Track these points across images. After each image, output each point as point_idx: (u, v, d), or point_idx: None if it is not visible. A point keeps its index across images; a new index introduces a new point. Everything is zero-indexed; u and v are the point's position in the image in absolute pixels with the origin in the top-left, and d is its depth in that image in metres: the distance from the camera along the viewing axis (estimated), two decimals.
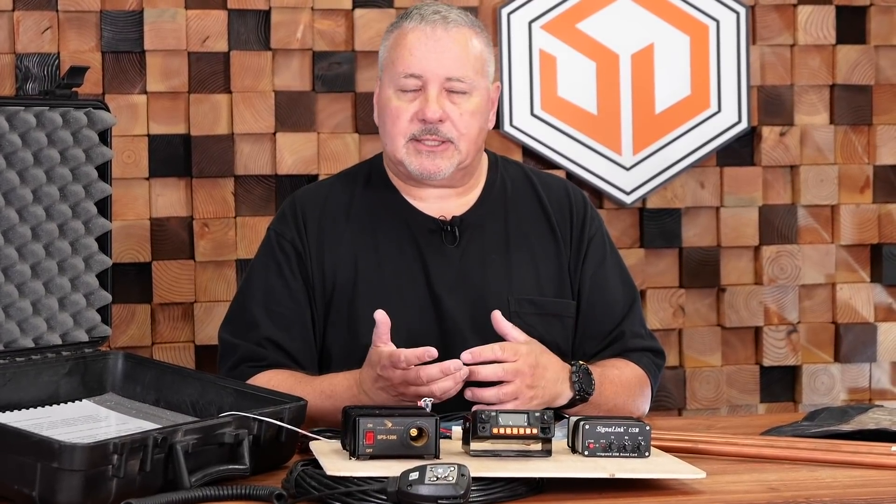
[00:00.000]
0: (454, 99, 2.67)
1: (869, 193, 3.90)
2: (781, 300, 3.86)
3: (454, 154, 2.68)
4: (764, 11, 3.83)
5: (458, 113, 2.66)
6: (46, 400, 2.49)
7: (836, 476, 2.22)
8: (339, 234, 2.73)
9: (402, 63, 2.66)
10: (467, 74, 2.67)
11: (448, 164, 2.68)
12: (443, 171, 2.68)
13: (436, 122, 2.65)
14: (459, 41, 2.67)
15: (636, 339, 2.77)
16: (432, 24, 2.67)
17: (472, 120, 2.68)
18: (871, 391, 3.91)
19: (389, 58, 2.70)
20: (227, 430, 2.16)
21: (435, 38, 2.66)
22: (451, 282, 2.69)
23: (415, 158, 2.67)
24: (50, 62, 3.46)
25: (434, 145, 2.66)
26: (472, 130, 2.68)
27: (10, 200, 2.54)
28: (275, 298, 2.71)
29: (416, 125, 2.66)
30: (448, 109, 2.65)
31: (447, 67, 2.65)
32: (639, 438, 2.20)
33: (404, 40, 2.68)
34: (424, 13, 2.69)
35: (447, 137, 2.66)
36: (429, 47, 2.66)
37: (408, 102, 2.67)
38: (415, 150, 2.67)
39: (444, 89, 2.66)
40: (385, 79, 2.71)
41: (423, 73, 2.65)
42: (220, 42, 3.57)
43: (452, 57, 2.66)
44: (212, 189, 3.57)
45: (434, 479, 1.95)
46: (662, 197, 3.80)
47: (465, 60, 2.67)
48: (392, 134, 2.68)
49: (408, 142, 2.67)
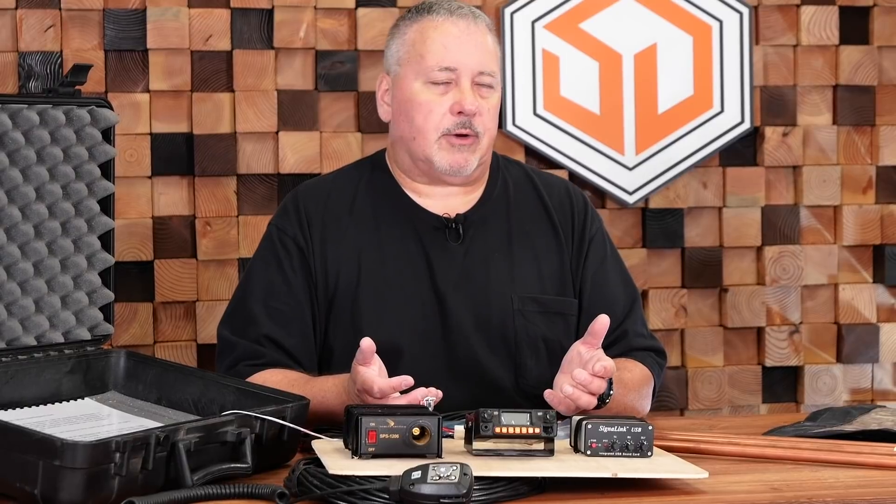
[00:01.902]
0: (482, 93, 2.67)
1: (871, 194, 3.90)
2: (784, 300, 3.86)
3: (478, 149, 2.68)
4: (767, 12, 3.83)
5: (487, 108, 2.67)
6: (49, 398, 2.49)
7: (839, 476, 2.22)
8: (342, 231, 2.72)
9: (433, 56, 2.65)
10: (494, 69, 2.68)
11: (474, 158, 2.68)
12: (471, 165, 2.67)
13: (473, 115, 2.64)
14: (485, 37, 2.69)
15: (639, 339, 2.77)
16: (464, 18, 2.68)
17: (495, 115, 2.70)
18: (873, 392, 3.91)
19: (415, 51, 2.67)
20: (230, 429, 2.16)
21: (468, 31, 2.67)
22: (454, 279, 2.69)
23: (447, 154, 2.66)
24: (53, 60, 3.46)
25: (465, 139, 2.66)
26: (494, 126, 2.70)
27: (12, 198, 2.53)
28: (274, 295, 2.69)
29: (451, 119, 2.65)
30: (479, 103, 2.66)
31: (480, 61, 2.66)
32: (641, 438, 2.20)
33: (432, 33, 2.67)
34: (450, 7, 2.69)
35: (477, 131, 2.66)
36: (462, 40, 2.66)
37: (439, 96, 2.65)
38: (448, 144, 2.66)
39: (473, 83, 2.66)
40: (408, 72, 2.68)
41: (458, 66, 2.65)
42: (223, 41, 3.57)
43: (483, 51, 2.67)
44: (214, 188, 3.57)
45: (436, 478, 1.95)
46: (665, 197, 3.79)
47: (492, 55, 2.69)
48: (425, 128, 2.66)
49: (441, 137, 2.66)
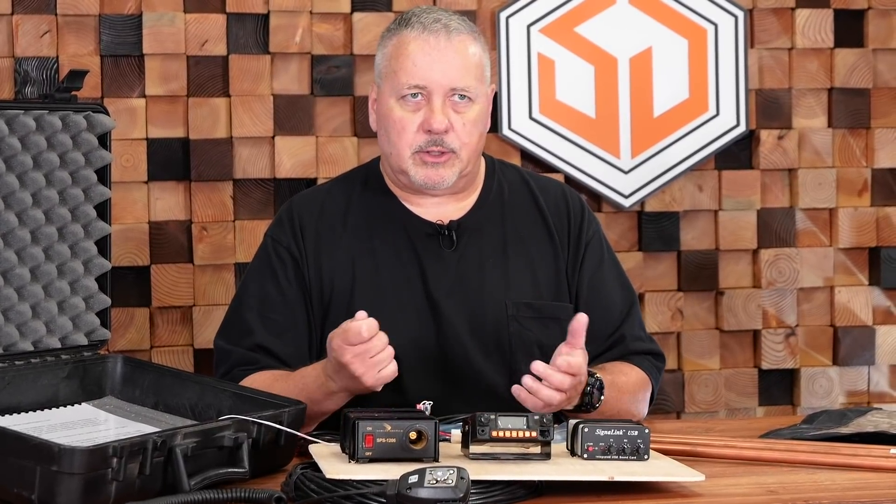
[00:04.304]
0: (458, 108, 2.65)
1: (867, 197, 3.90)
2: (780, 303, 3.86)
3: (456, 163, 2.67)
4: (762, 15, 3.83)
5: (462, 123, 2.65)
6: (46, 403, 2.49)
7: (835, 479, 2.22)
8: (336, 240, 2.73)
9: (404, 74, 2.64)
10: (470, 84, 2.65)
11: (451, 173, 2.67)
12: (446, 181, 2.67)
13: (442, 133, 2.64)
14: (461, 50, 2.65)
15: (637, 343, 2.77)
16: (435, 34, 2.64)
17: (474, 128, 2.67)
18: (869, 394, 3.91)
19: (390, 67, 2.67)
20: (227, 434, 2.16)
21: (439, 48, 2.64)
22: (448, 286, 2.69)
23: (420, 169, 2.66)
24: (49, 66, 3.46)
25: (437, 156, 2.65)
26: (474, 139, 2.68)
27: (9, 204, 2.53)
28: (269, 305, 2.70)
29: (422, 136, 2.64)
30: (452, 119, 2.64)
31: (451, 78, 2.63)
32: (638, 441, 2.20)
33: (406, 50, 2.65)
34: (425, 21, 2.65)
35: (450, 148, 2.64)
36: (433, 58, 2.63)
37: (411, 113, 2.65)
38: (421, 161, 2.65)
39: (447, 99, 2.64)
40: (385, 87, 2.68)
41: (428, 84, 2.63)
42: (219, 46, 3.57)
43: (456, 67, 2.64)
44: (210, 193, 3.57)
45: (433, 482, 1.95)
46: (661, 200, 3.80)
47: (467, 70, 2.65)
48: (398, 146, 2.66)
49: (413, 153, 2.66)
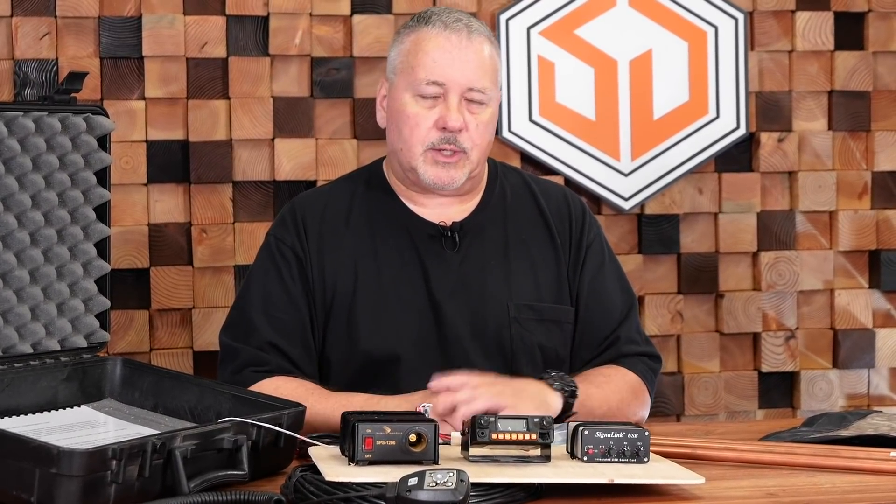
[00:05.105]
0: (472, 109, 2.65)
1: (867, 199, 3.90)
2: (779, 306, 3.86)
3: (466, 164, 2.67)
4: (762, 18, 3.83)
5: (475, 124, 2.65)
6: (45, 406, 2.49)
7: (835, 482, 2.22)
8: (338, 241, 2.72)
9: (423, 69, 2.64)
10: (486, 85, 2.66)
11: (461, 174, 2.67)
12: (456, 182, 2.67)
13: (457, 131, 2.64)
14: (480, 51, 2.66)
15: (630, 345, 2.77)
16: (457, 33, 2.65)
17: (486, 130, 2.68)
18: (869, 397, 3.91)
19: (407, 62, 2.67)
20: (226, 436, 2.16)
21: (460, 46, 2.64)
22: (450, 287, 2.69)
23: (431, 168, 2.66)
24: (48, 68, 3.46)
25: (449, 155, 2.65)
26: (485, 141, 2.68)
27: (8, 206, 2.53)
28: (274, 304, 2.69)
29: (436, 133, 2.64)
30: (466, 119, 2.64)
31: (469, 77, 2.64)
32: (638, 444, 2.20)
33: (425, 46, 2.65)
34: (447, 20, 2.66)
35: (462, 147, 2.65)
36: (453, 56, 2.64)
37: (427, 109, 2.65)
38: (432, 159, 2.66)
39: (463, 98, 2.65)
40: (400, 82, 2.68)
41: (446, 81, 2.64)
42: (219, 48, 3.57)
43: (474, 67, 2.65)
44: (210, 195, 3.57)
45: (433, 484, 1.95)
46: (660, 203, 3.80)
47: (484, 71, 2.66)
48: (410, 141, 2.66)
49: (426, 151, 2.66)
